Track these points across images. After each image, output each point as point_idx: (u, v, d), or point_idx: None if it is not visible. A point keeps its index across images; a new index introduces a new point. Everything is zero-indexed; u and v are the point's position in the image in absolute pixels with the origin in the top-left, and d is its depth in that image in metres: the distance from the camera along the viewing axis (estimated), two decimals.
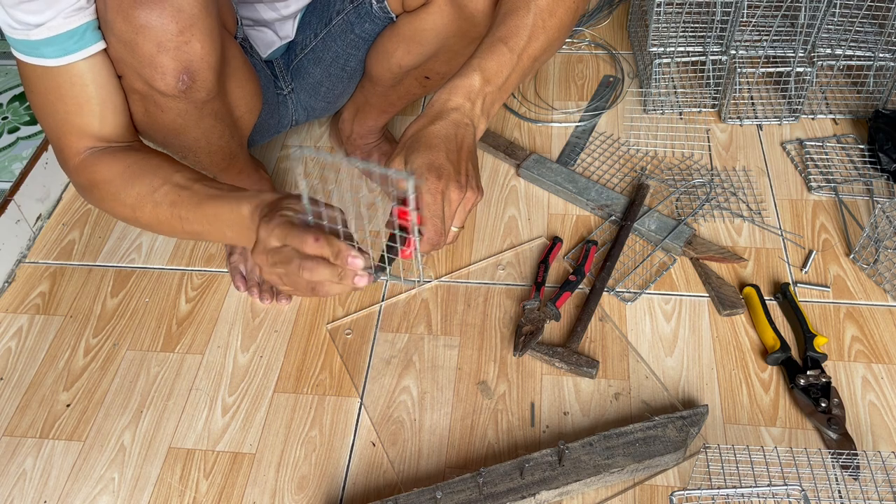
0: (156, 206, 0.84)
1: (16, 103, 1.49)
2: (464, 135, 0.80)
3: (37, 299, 1.18)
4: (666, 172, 1.31)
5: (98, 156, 0.87)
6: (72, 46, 0.81)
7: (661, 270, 1.16)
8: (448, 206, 0.77)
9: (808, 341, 1.03)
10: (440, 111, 0.81)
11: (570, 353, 1.04)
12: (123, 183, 0.85)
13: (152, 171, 0.85)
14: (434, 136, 0.79)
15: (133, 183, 0.85)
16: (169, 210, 0.84)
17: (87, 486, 0.97)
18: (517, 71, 0.84)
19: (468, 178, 0.79)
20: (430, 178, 0.76)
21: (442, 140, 0.79)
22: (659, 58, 1.38)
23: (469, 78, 0.82)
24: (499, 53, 0.82)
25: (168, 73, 0.83)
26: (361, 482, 0.95)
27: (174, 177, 0.84)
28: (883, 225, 1.18)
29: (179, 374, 1.07)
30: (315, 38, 1.11)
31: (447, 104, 0.81)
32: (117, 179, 0.85)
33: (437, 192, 0.76)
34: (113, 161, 0.86)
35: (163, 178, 0.84)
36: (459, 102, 0.81)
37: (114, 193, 0.86)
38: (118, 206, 0.87)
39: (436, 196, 0.76)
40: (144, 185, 0.84)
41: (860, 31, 1.38)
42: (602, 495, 0.92)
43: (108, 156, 0.87)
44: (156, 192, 0.84)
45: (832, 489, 0.90)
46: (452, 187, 0.77)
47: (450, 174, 0.77)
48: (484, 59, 0.82)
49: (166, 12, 0.79)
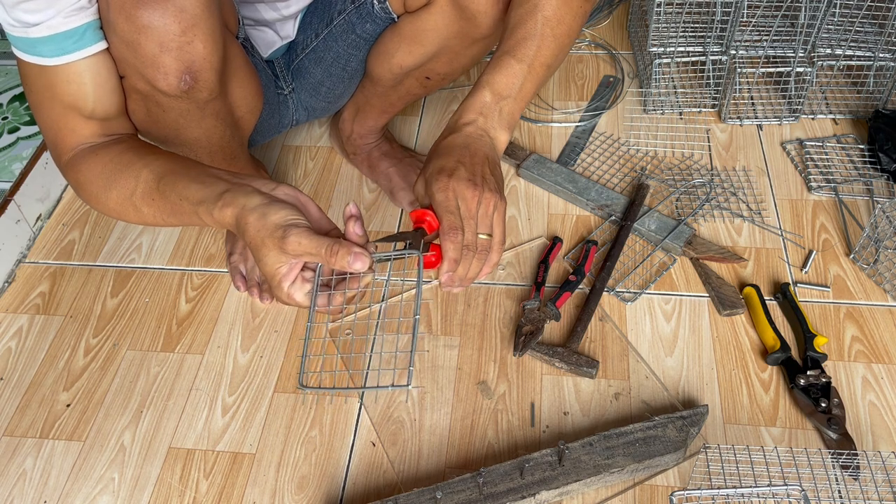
0: (137, 210, 0.84)
1: (16, 103, 1.49)
2: (478, 145, 0.82)
3: (37, 299, 1.18)
4: (666, 172, 1.31)
5: (82, 154, 0.86)
6: (70, 46, 0.81)
7: (661, 270, 1.16)
8: (464, 205, 0.77)
9: (808, 341, 1.03)
10: (453, 128, 0.84)
11: (570, 353, 1.04)
12: (102, 185, 0.85)
13: (125, 171, 0.84)
14: (446, 147, 0.81)
15: (110, 185, 0.84)
16: (150, 214, 0.83)
17: (87, 486, 0.97)
18: (530, 80, 0.85)
19: (485, 180, 0.79)
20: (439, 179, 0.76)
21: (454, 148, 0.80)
22: (659, 58, 1.38)
23: (479, 95, 0.84)
24: (506, 66, 0.84)
25: (170, 74, 0.83)
26: (361, 482, 0.95)
27: (143, 174, 0.82)
28: (883, 225, 1.18)
29: (179, 374, 1.07)
30: (316, 38, 1.11)
31: (459, 122, 0.84)
32: (97, 181, 0.85)
33: (448, 189, 0.76)
34: (93, 160, 0.86)
35: (134, 177, 0.83)
36: (471, 118, 0.83)
37: (96, 195, 0.86)
38: (104, 208, 0.87)
39: (446, 193, 0.76)
40: (120, 187, 0.84)
41: (860, 31, 1.38)
42: (602, 495, 0.92)
43: (90, 154, 0.86)
44: (133, 196, 0.83)
45: (832, 489, 0.90)
46: (464, 185, 0.77)
47: (460, 174, 0.77)
48: (492, 75, 0.84)
49: (169, 12, 0.79)
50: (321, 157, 1.39)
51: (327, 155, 1.40)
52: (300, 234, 0.71)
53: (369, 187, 1.33)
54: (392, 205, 1.29)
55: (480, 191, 0.77)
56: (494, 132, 0.84)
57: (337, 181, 1.35)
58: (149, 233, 1.27)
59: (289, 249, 0.71)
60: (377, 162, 1.31)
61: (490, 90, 0.83)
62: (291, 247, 0.71)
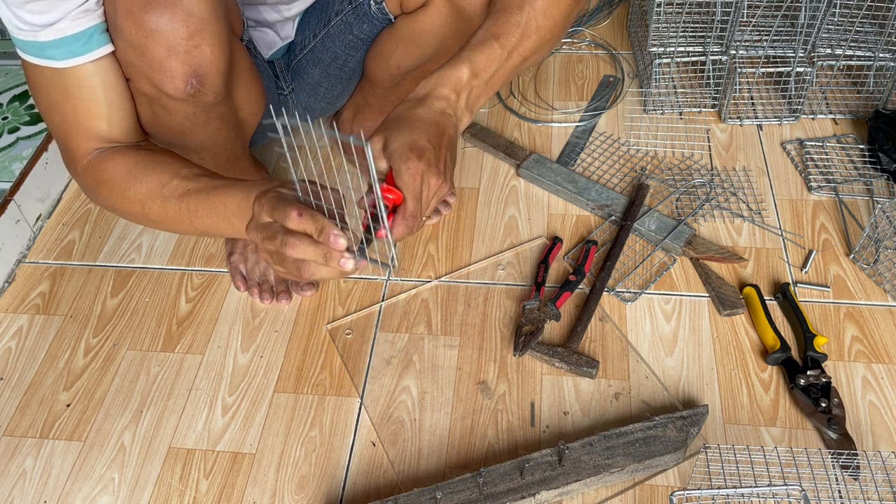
0: (165, 201, 0.84)
1: (16, 103, 1.49)
2: (446, 124, 0.80)
3: (37, 299, 1.18)
4: (666, 172, 1.31)
5: (106, 154, 0.87)
6: (79, 49, 0.81)
7: (661, 270, 1.16)
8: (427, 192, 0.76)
9: (808, 341, 1.03)
10: (425, 97, 0.81)
11: (570, 353, 1.04)
12: (132, 179, 0.85)
13: (161, 167, 0.85)
14: (417, 119, 0.79)
15: (142, 179, 0.85)
16: (177, 204, 0.83)
17: (87, 486, 0.97)
18: (505, 68, 0.83)
19: (447, 167, 0.79)
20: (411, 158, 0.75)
21: (425, 124, 0.78)
22: (659, 58, 1.38)
23: (458, 70, 0.81)
24: (489, 49, 0.82)
25: (177, 77, 0.83)
26: (361, 482, 0.95)
27: (182, 171, 0.84)
28: (883, 225, 1.18)
29: (179, 374, 1.07)
30: (314, 38, 1.11)
31: (433, 92, 0.81)
32: (126, 176, 0.85)
33: (418, 174, 0.75)
34: (122, 159, 0.86)
35: (171, 172, 0.84)
36: (445, 93, 0.81)
37: (122, 190, 0.86)
38: (126, 203, 0.87)
39: (416, 177, 0.75)
40: (153, 180, 0.84)
41: (860, 31, 1.38)
42: (602, 495, 0.92)
43: (117, 154, 0.87)
44: (165, 187, 0.84)
45: (832, 489, 0.90)
46: (433, 172, 0.76)
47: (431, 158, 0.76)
48: (474, 53, 0.82)
49: (177, 16, 0.79)
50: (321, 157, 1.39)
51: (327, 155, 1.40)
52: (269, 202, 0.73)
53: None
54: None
55: (442, 180, 0.77)
56: (461, 113, 0.82)
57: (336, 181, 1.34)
58: (149, 233, 1.27)
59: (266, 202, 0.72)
60: None
61: (469, 67, 0.81)
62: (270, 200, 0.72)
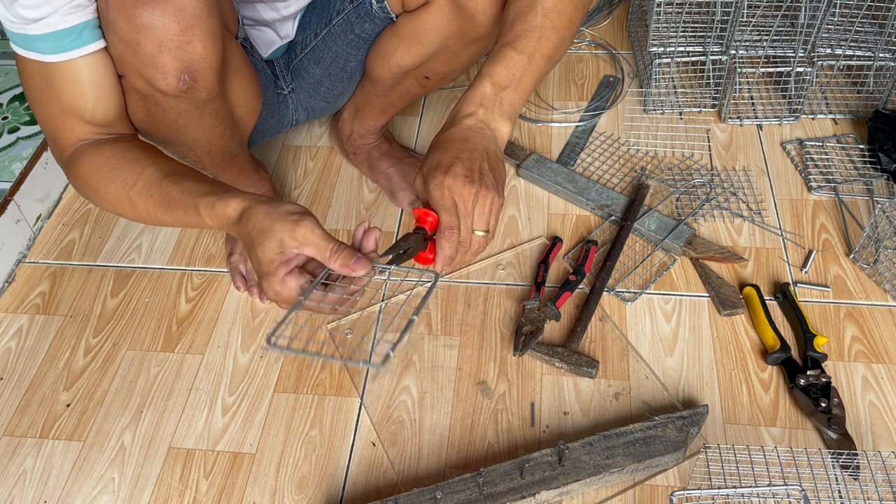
0: (133, 205, 0.85)
1: (16, 103, 1.49)
2: (478, 138, 0.81)
3: (37, 299, 1.18)
4: (666, 172, 1.31)
5: (84, 149, 0.87)
6: (68, 44, 0.81)
7: (661, 270, 1.16)
8: (461, 202, 0.76)
9: (808, 341, 1.03)
10: (452, 120, 0.83)
11: (570, 353, 1.04)
12: (103, 178, 0.86)
13: (129, 166, 0.85)
14: (444, 141, 0.80)
15: (111, 178, 0.85)
16: (144, 209, 0.84)
17: (87, 486, 0.97)
18: (531, 71, 0.84)
19: (482, 175, 0.78)
20: (436, 175, 0.76)
21: (452, 142, 0.79)
22: (659, 58, 1.38)
23: (479, 87, 0.83)
24: (507, 58, 0.83)
25: (169, 73, 0.83)
26: (361, 482, 0.95)
27: (147, 171, 0.84)
28: (883, 225, 1.18)
29: (179, 374, 1.07)
30: (315, 37, 1.11)
31: (459, 113, 0.83)
32: (98, 174, 0.86)
33: (443, 187, 0.75)
34: (95, 154, 0.87)
35: (137, 172, 0.85)
36: (471, 110, 0.82)
37: (95, 188, 0.87)
38: (101, 202, 0.88)
39: (442, 190, 0.75)
40: (120, 181, 0.85)
41: (860, 31, 1.38)
42: (602, 495, 0.92)
43: (92, 149, 0.87)
44: (131, 190, 0.84)
45: (832, 489, 0.90)
46: (460, 182, 0.76)
47: (459, 171, 0.76)
48: (492, 66, 0.83)
49: (168, 12, 0.79)
50: (321, 157, 1.39)
51: (327, 155, 1.40)
52: (314, 223, 0.73)
53: (369, 187, 1.33)
54: (392, 205, 1.29)
55: (477, 187, 0.77)
56: (495, 124, 0.82)
57: (337, 181, 1.35)
58: (149, 233, 1.27)
59: (299, 235, 0.72)
60: (377, 162, 1.31)
61: (490, 81, 0.82)
62: (302, 231, 0.72)
